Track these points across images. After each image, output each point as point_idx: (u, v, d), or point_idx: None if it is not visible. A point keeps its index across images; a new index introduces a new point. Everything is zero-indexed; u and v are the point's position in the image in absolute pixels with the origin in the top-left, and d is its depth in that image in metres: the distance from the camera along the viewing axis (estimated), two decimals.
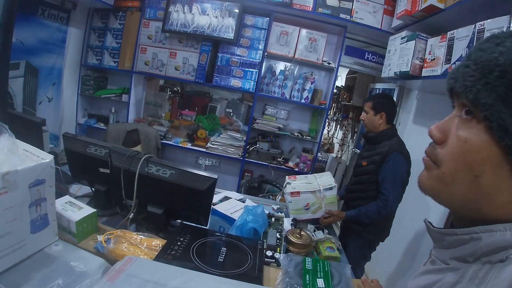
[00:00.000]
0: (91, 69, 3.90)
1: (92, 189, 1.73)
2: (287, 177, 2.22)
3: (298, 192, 2.03)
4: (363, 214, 2.09)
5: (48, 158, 1.07)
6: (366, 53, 3.65)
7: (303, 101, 3.55)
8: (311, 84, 3.51)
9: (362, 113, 2.26)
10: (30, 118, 2.11)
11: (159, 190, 1.44)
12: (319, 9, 3.22)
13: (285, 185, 2.14)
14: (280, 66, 3.69)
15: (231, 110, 4.37)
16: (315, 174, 2.23)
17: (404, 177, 2.06)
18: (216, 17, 3.36)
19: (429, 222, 0.58)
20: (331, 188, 2.06)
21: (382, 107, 2.16)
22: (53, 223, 1.16)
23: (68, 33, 3.54)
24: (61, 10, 3.38)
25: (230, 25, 3.34)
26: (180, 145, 3.72)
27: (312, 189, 2.05)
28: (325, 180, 2.12)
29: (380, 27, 3.20)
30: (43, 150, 1.12)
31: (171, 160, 2.60)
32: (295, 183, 2.12)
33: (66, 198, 1.36)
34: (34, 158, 1.07)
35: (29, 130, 1.73)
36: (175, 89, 4.38)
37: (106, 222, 1.56)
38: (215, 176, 1.36)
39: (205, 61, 3.48)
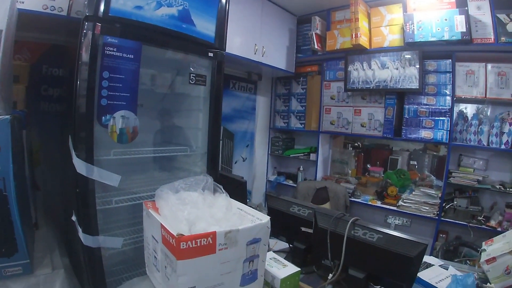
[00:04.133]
0: (279, 131, 4.33)
1: (289, 246, 1.81)
2: (483, 243, 1.89)
3: (494, 258, 1.68)
4: None
5: (265, 219, 1.17)
6: None
7: (503, 146, 2.97)
8: (510, 125, 2.97)
9: None
10: (235, 177, 2.44)
11: (363, 254, 1.41)
12: (502, 38, 2.77)
13: (480, 252, 1.82)
14: (472, 109, 3.25)
15: (415, 162, 4.05)
16: None
17: None
18: (396, 69, 3.27)
19: None
20: None
21: None
22: (260, 279, 1.24)
23: (256, 101, 4.12)
24: (249, 82, 3.99)
25: (413, 74, 3.19)
26: (370, 203, 3.59)
27: (508, 249, 1.67)
28: None
29: None
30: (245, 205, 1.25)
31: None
32: (490, 248, 1.77)
33: (271, 254, 1.46)
34: (249, 217, 1.20)
35: (235, 188, 1.99)
36: (356, 144, 4.38)
37: (301, 279, 1.60)
38: (426, 242, 1.25)
39: (391, 115, 3.39)
